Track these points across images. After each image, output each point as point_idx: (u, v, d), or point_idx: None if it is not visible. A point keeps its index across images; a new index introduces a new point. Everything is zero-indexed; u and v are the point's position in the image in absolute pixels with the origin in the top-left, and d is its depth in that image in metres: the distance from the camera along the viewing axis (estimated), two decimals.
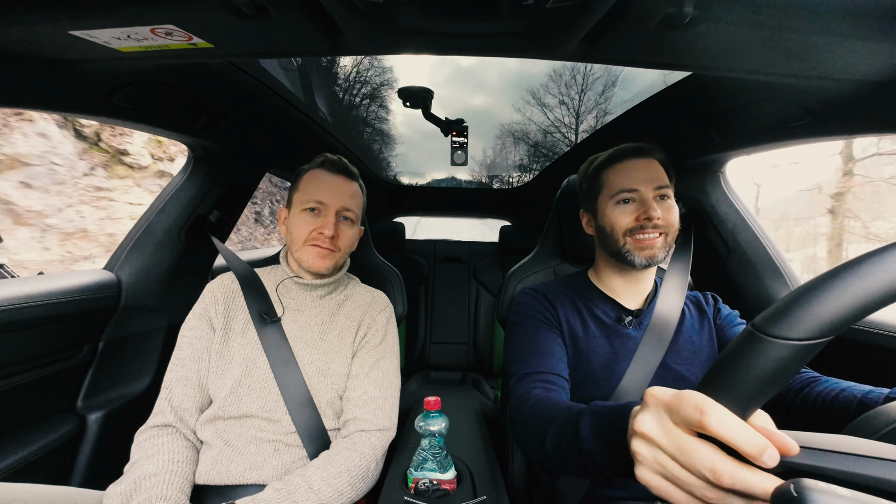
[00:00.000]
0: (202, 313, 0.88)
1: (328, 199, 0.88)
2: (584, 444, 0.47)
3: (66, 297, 0.94)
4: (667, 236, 0.79)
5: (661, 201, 0.79)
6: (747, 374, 0.30)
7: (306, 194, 0.89)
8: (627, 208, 0.79)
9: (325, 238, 0.87)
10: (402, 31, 0.63)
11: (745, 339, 0.31)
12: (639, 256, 0.78)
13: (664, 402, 0.34)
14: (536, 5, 0.54)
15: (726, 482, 0.29)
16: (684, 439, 0.32)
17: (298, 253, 0.89)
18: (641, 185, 0.78)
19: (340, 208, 0.90)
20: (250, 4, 0.52)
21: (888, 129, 0.73)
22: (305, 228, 0.87)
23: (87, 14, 0.55)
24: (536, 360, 0.76)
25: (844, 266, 0.29)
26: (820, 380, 0.67)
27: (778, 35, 0.56)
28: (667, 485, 0.33)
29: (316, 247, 0.88)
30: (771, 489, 0.28)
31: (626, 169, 0.81)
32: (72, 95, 0.77)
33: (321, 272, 0.90)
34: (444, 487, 0.75)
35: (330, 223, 0.87)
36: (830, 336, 0.28)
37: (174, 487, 0.69)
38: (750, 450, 0.28)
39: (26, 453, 0.88)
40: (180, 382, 0.82)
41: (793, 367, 0.29)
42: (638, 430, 0.36)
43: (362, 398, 0.86)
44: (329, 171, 0.91)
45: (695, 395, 0.32)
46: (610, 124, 1.48)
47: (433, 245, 2.43)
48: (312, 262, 0.88)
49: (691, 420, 0.31)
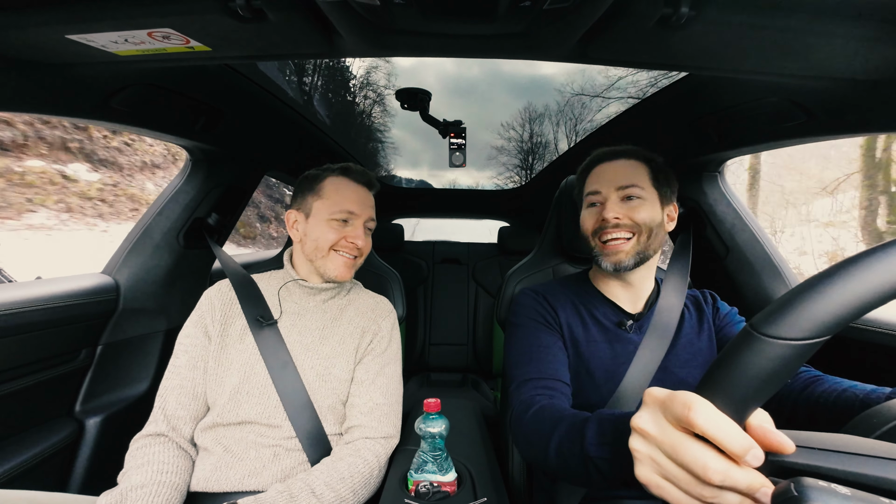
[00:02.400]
0: (198, 321, 0.88)
1: (358, 210, 0.91)
2: (590, 451, 0.48)
3: (63, 301, 0.93)
4: (639, 237, 0.78)
5: (626, 202, 0.78)
6: (745, 374, 0.30)
7: (335, 204, 0.90)
8: (593, 211, 0.82)
9: (356, 248, 0.91)
10: (398, 33, 0.63)
11: (743, 339, 0.31)
12: (605, 262, 0.79)
13: (660, 400, 0.35)
14: (533, 6, 0.54)
15: (716, 480, 0.29)
16: (677, 436, 0.32)
17: (323, 260, 0.90)
18: (603, 186, 0.80)
19: (367, 219, 0.94)
20: (247, 7, 0.52)
21: (884, 128, 0.73)
22: (332, 236, 0.89)
23: (84, 18, 0.55)
24: (537, 364, 0.75)
25: (840, 265, 0.29)
26: (822, 379, 0.67)
27: (774, 35, 0.56)
28: (663, 483, 0.34)
29: (344, 256, 0.90)
30: (759, 487, 0.29)
31: (595, 174, 0.83)
32: (69, 99, 0.77)
33: (345, 279, 0.92)
34: (444, 489, 0.75)
35: (360, 233, 0.91)
36: (827, 336, 0.29)
37: (161, 499, 0.69)
38: (734, 448, 0.29)
39: (24, 458, 0.87)
40: (174, 391, 0.82)
41: (790, 366, 0.29)
42: (635, 427, 0.36)
43: (367, 405, 0.85)
44: (356, 182, 0.94)
45: (686, 394, 0.32)
46: (607, 124, 1.48)
47: (432, 246, 2.43)
48: (339, 271, 0.90)
49: (680, 416, 0.31)
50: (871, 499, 0.25)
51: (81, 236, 5.03)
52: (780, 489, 0.27)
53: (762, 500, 0.29)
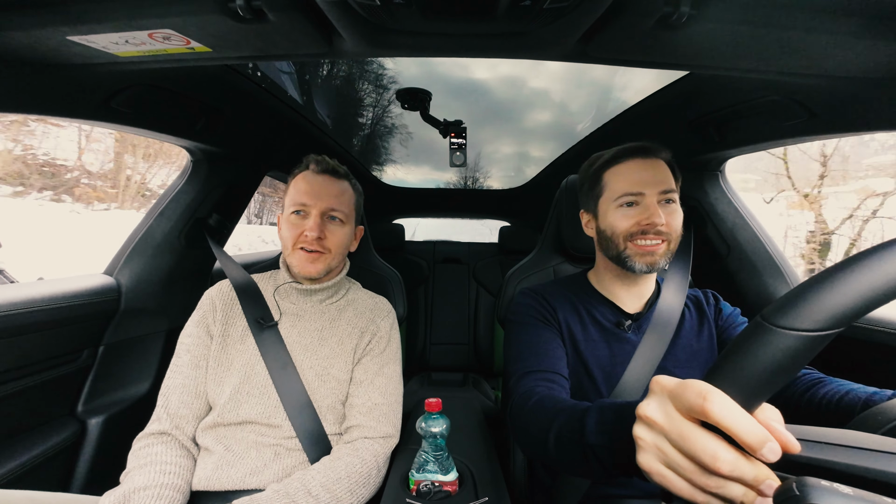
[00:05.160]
0: (200, 320, 0.88)
1: (311, 200, 0.86)
2: (590, 439, 0.47)
3: (66, 301, 0.93)
4: (669, 243, 0.76)
5: (665, 206, 0.76)
6: (754, 365, 0.30)
7: (290, 198, 0.88)
8: (630, 212, 0.76)
9: (311, 240, 0.85)
10: (398, 33, 0.63)
11: (754, 329, 0.31)
12: (639, 263, 0.75)
13: (668, 388, 0.34)
14: (533, 6, 0.54)
15: (725, 470, 0.29)
16: (686, 426, 0.32)
17: (289, 258, 0.88)
18: (646, 188, 0.75)
19: (325, 209, 0.87)
20: (247, 8, 0.52)
21: (885, 126, 0.73)
22: (293, 232, 0.86)
23: (86, 19, 0.55)
24: (537, 358, 0.75)
25: (855, 258, 0.29)
26: (825, 381, 0.67)
27: (774, 33, 0.56)
28: (666, 471, 0.33)
29: (302, 250, 0.86)
30: (765, 479, 0.29)
31: (629, 170, 0.77)
32: (70, 100, 0.77)
33: (312, 276, 0.88)
34: (445, 489, 0.75)
35: (314, 224, 0.85)
36: (839, 328, 0.28)
37: (164, 501, 0.69)
38: (750, 440, 0.28)
39: (27, 458, 0.88)
40: (177, 390, 0.82)
41: (801, 358, 0.29)
42: (641, 415, 0.36)
43: (366, 405, 0.85)
44: (314, 172, 0.90)
45: (699, 383, 0.32)
46: (608, 124, 1.48)
47: (433, 246, 2.42)
48: (301, 266, 0.87)
49: (693, 406, 0.31)
50: (873, 498, 0.25)
51: None
52: (782, 488, 0.27)
53: (766, 493, 0.29)
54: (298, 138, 1.46)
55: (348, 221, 0.92)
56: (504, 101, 1.68)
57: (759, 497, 0.29)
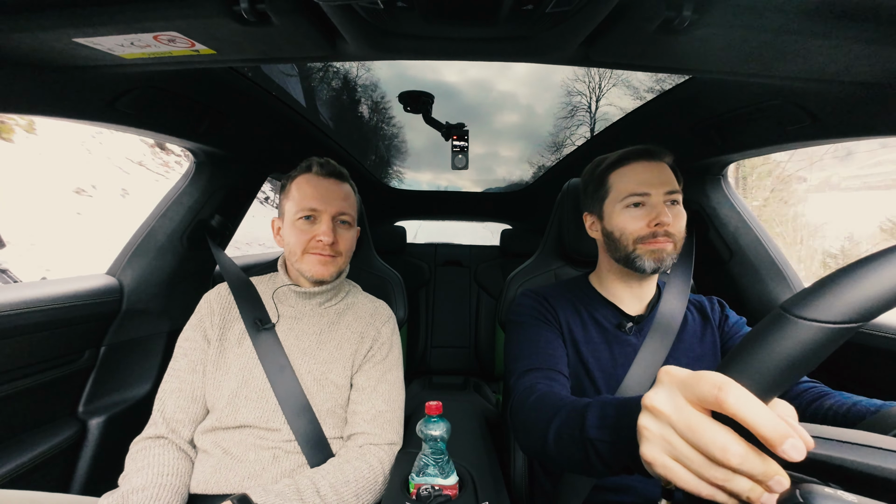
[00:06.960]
0: (197, 325, 0.88)
1: (322, 206, 0.85)
2: (590, 433, 0.47)
3: (68, 302, 0.94)
4: (675, 244, 0.76)
5: (670, 207, 0.76)
6: (772, 356, 0.29)
7: (299, 202, 0.85)
8: (637, 213, 0.77)
9: (325, 245, 0.84)
10: (402, 37, 0.64)
11: (774, 320, 0.30)
12: (648, 261, 0.75)
13: (679, 379, 0.33)
14: (536, 10, 0.54)
15: (734, 462, 0.28)
16: (695, 416, 0.31)
17: (299, 263, 0.87)
18: (652, 188, 0.76)
19: (336, 213, 0.87)
20: (252, 11, 0.52)
21: (888, 131, 0.73)
22: (302, 237, 0.85)
23: (91, 22, 0.55)
24: (538, 357, 0.75)
25: (881, 253, 0.29)
26: (831, 394, 0.66)
27: (777, 38, 0.56)
28: (671, 462, 0.32)
29: (316, 255, 0.86)
30: (774, 475, 0.28)
31: (634, 172, 0.78)
32: (75, 102, 0.77)
33: (325, 279, 0.88)
34: (446, 493, 0.75)
35: (328, 230, 0.84)
36: (863, 321, 0.28)
37: (161, 502, 0.69)
38: (769, 434, 0.27)
39: (27, 458, 0.88)
40: (174, 394, 0.82)
41: (821, 351, 0.28)
42: (648, 405, 0.35)
43: (370, 412, 0.85)
44: (319, 176, 0.88)
45: (714, 374, 0.31)
46: (610, 127, 1.48)
47: (434, 249, 2.42)
48: (315, 270, 0.86)
49: (707, 397, 0.30)
50: None
51: None
52: (786, 494, 0.27)
53: (775, 489, 0.28)
54: (301, 140, 1.46)
55: (354, 224, 0.93)
56: (473, 104, 1.73)
57: (764, 493, 0.29)
